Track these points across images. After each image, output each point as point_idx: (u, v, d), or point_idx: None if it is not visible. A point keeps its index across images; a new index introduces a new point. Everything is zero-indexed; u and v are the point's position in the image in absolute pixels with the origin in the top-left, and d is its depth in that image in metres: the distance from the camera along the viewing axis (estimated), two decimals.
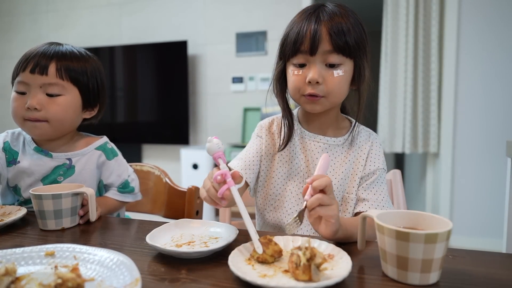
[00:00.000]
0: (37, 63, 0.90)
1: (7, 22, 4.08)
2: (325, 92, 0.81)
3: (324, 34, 0.79)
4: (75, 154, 0.99)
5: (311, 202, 0.63)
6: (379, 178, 0.88)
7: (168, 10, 3.53)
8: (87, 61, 0.98)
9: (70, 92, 0.94)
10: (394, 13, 2.83)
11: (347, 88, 0.85)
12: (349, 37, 0.79)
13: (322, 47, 0.79)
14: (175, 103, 3.42)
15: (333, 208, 0.64)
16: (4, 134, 1.01)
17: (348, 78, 0.83)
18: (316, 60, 0.80)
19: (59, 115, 0.92)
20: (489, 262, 0.62)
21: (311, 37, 0.79)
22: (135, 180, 1.07)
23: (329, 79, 0.80)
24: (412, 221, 0.58)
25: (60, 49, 0.94)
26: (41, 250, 0.59)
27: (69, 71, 0.93)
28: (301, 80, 0.82)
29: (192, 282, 0.53)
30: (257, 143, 0.96)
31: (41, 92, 0.90)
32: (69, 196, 0.80)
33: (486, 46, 2.68)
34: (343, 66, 0.81)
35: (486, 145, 2.71)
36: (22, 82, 0.91)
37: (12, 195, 1.01)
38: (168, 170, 1.31)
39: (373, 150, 0.90)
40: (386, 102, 2.89)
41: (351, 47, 0.80)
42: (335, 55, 0.79)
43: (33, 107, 0.89)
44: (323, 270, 0.52)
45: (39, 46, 0.94)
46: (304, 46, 0.80)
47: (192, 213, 1.11)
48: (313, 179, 0.64)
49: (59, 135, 0.97)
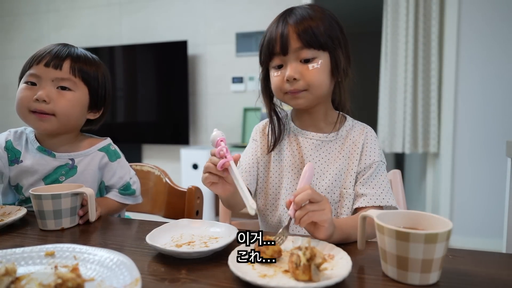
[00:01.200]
0: (53, 57, 0.92)
1: (8, 22, 4.08)
2: (305, 85, 0.84)
3: (291, 33, 0.83)
4: (78, 154, 0.99)
5: (299, 214, 0.63)
6: (377, 171, 0.88)
7: (168, 10, 3.53)
8: (98, 67, 1.00)
9: (81, 90, 0.96)
10: (394, 13, 2.83)
11: (327, 79, 0.86)
12: (317, 30, 0.82)
13: (292, 45, 0.83)
14: (175, 103, 3.42)
15: (325, 212, 0.64)
16: (7, 133, 1.01)
17: (325, 69, 0.85)
18: (290, 59, 0.84)
19: (66, 110, 0.92)
20: (489, 262, 0.62)
21: (280, 39, 0.83)
22: (136, 183, 1.07)
23: (306, 73, 0.83)
24: (412, 221, 0.58)
25: (76, 51, 0.97)
26: (41, 250, 0.59)
27: (82, 72, 0.95)
28: (281, 79, 0.86)
29: (192, 282, 0.53)
30: (253, 147, 0.98)
31: (52, 85, 0.92)
32: (68, 196, 0.80)
33: (486, 46, 2.68)
34: (318, 59, 0.84)
35: (486, 145, 2.71)
36: (34, 75, 0.91)
37: (13, 194, 1.01)
38: (168, 170, 1.31)
39: (368, 143, 0.90)
40: (386, 102, 2.89)
41: (320, 40, 0.82)
42: (307, 50, 0.82)
43: (42, 98, 0.89)
44: (323, 270, 0.52)
45: (52, 45, 0.96)
46: (276, 48, 0.84)
47: (192, 213, 1.11)
48: (295, 194, 0.64)
49: (63, 131, 0.97)
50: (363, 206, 0.84)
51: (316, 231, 0.65)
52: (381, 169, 0.89)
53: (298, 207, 0.63)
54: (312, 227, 0.66)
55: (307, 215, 0.63)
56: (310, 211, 0.63)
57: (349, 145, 0.90)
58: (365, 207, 0.84)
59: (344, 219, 0.76)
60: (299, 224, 0.64)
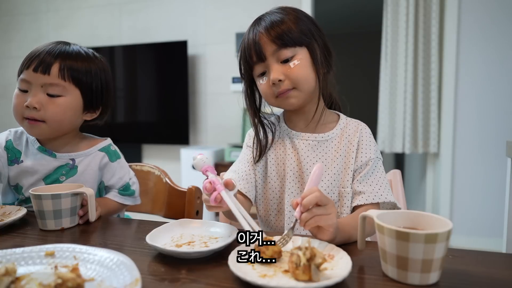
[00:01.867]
0: (41, 62, 0.89)
1: (7, 21, 4.07)
2: (291, 84, 0.83)
3: (264, 39, 0.83)
4: (79, 154, 0.99)
5: (305, 217, 0.63)
6: (373, 168, 0.87)
7: (168, 10, 3.53)
8: (92, 61, 0.97)
9: (71, 94, 0.93)
10: (394, 13, 2.83)
11: (311, 73, 0.85)
12: (287, 28, 0.82)
13: (267, 50, 0.83)
14: (175, 103, 3.42)
15: (331, 217, 0.64)
16: (7, 132, 1.01)
17: (307, 63, 0.84)
18: (270, 63, 0.83)
19: (57, 116, 0.91)
20: (489, 262, 0.62)
21: (254, 47, 0.84)
22: (136, 184, 1.07)
23: (289, 71, 0.83)
24: (412, 221, 0.58)
25: (66, 49, 0.94)
26: (41, 250, 0.59)
27: (72, 71, 0.92)
28: (267, 85, 0.85)
29: (192, 282, 0.53)
30: (248, 154, 0.96)
31: (42, 91, 0.90)
32: (68, 196, 0.80)
33: (486, 46, 2.68)
34: (297, 56, 0.83)
35: (486, 145, 2.71)
36: (25, 80, 0.90)
37: (12, 194, 1.01)
38: (168, 170, 1.31)
39: (363, 140, 0.90)
40: (386, 102, 2.89)
41: (293, 37, 0.82)
42: (283, 50, 0.82)
43: (32, 106, 0.88)
44: (323, 270, 0.52)
45: (46, 44, 0.94)
46: (253, 57, 0.85)
47: (192, 213, 1.11)
48: (303, 196, 0.63)
49: (58, 135, 0.97)
50: (361, 204, 0.84)
51: (320, 234, 0.65)
52: (377, 165, 0.88)
53: (305, 209, 0.63)
54: (316, 229, 0.65)
55: (313, 218, 0.62)
56: (316, 215, 0.62)
57: (345, 144, 0.90)
58: (363, 205, 0.84)
59: (345, 219, 0.76)
60: (304, 227, 0.63)
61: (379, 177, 0.87)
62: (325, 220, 0.63)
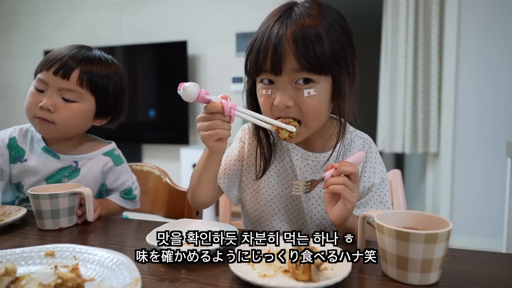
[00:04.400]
0: (62, 65, 0.90)
1: (7, 22, 4.07)
2: (298, 114, 0.71)
3: (287, 50, 0.66)
4: (82, 157, 0.99)
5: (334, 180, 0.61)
6: (375, 192, 0.80)
7: (168, 10, 3.53)
8: (110, 66, 0.99)
9: (86, 101, 0.94)
10: (394, 13, 2.83)
11: (326, 107, 0.72)
12: (320, 48, 0.66)
13: (287, 66, 0.67)
14: (175, 103, 3.41)
15: (355, 195, 0.64)
16: (11, 129, 1.00)
17: (325, 95, 0.71)
18: (283, 79, 0.69)
19: (68, 121, 0.92)
20: (489, 262, 0.62)
21: (272, 55, 0.67)
22: (137, 189, 1.09)
23: (300, 99, 0.69)
24: (412, 221, 0.58)
25: (88, 54, 0.95)
26: (41, 250, 0.59)
27: (90, 75, 0.93)
28: (270, 102, 0.72)
29: (192, 282, 0.53)
30: (239, 149, 0.89)
31: (58, 95, 0.91)
32: (66, 196, 0.80)
33: (486, 46, 2.68)
34: (317, 84, 0.69)
35: (486, 145, 2.71)
36: (43, 81, 0.91)
37: (12, 192, 1.01)
38: (168, 170, 1.31)
39: (368, 163, 0.81)
40: (386, 102, 2.89)
41: (323, 62, 0.66)
42: (305, 73, 0.67)
43: (47, 107, 0.89)
44: (323, 270, 0.52)
45: (69, 47, 0.95)
46: (267, 65, 0.69)
47: (192, 213, 1.11)
48: (342, 163, 0.62)
49: (65, 137, 0.98)
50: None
51: (336, 208, 0.64)
52: (379, 188, 0.81)
53: (338, 174, 0.62)
54: (334, 200, 0.64)
55: (340, 185, 0.62)
56: (344, 184, 0.62)
57: None
58: None
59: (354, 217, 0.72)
60: (327, 189, 0.63)
61: (379, 201, 0.80)
62: (349, 193, 0.63)
